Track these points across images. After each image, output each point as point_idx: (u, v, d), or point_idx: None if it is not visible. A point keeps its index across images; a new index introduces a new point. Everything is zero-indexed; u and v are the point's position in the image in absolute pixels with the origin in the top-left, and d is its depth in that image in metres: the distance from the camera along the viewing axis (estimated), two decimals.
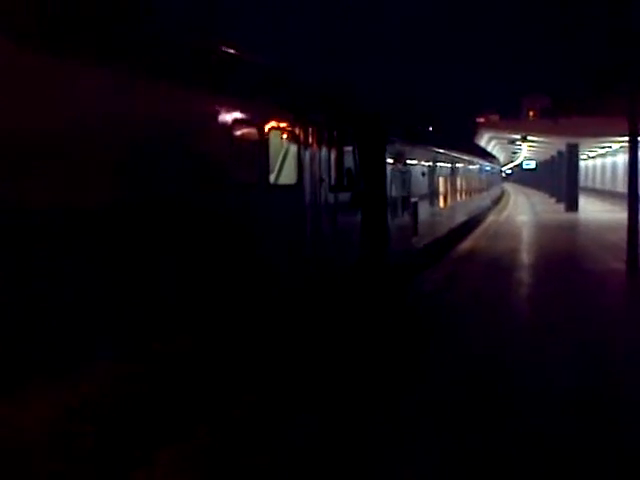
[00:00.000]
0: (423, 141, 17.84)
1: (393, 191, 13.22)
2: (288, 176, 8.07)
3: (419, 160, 16.60)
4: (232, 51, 6.89)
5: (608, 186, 64.88)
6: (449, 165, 21.97)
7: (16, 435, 3.90)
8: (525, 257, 17.01)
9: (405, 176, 14.40)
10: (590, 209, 37.97)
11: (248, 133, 6.76)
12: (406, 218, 14.39)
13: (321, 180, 8.88)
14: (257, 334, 6.84)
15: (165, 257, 5.35)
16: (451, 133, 25.88)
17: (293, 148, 8.09)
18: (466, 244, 20.28)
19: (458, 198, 23.98)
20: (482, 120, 34.54)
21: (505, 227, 27.08)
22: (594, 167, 74.66)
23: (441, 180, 20.00)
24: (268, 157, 7.20)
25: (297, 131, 8.09)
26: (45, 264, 4.12)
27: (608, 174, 65.59)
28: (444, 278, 13.74)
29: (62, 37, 4.35)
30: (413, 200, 15.11)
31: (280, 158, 7.97)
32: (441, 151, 20.79)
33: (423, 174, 16.72)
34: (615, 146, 40.18)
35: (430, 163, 18.38)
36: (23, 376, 3.99)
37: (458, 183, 24.04)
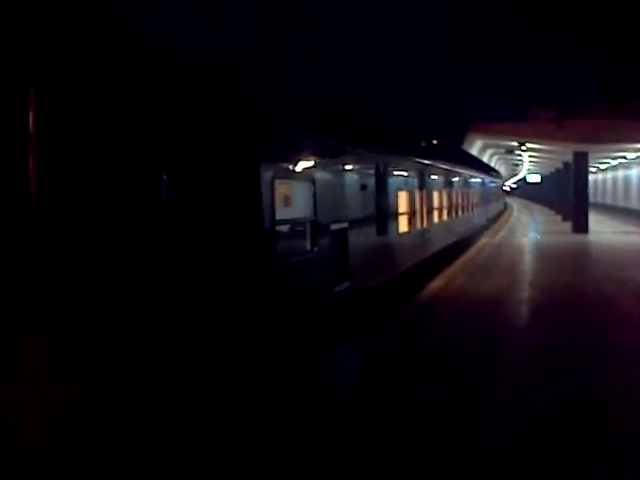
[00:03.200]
0: (369, 145, 12.45)
1: (287, 214, 7.91)
2: None
3: (360, 170, 11.29)
4: None
5: (620, 202, 59.55)
6: (419, 178, 16.59)
7: None
8: (516, 315, 11.38)
9: (322, 191, 9.04)
10: (601, 229, 32.44)
11: None
12: (322, 255, 9.01)
13: None
14: None
15: None
16: (432, 141, 20.48)
17: None
18: (436, 283, 14.83)
19: (435, 219, 18.52)
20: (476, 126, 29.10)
21: (497, 254, 21.64)
22: (604, 181, 69.54)
23: (403, 197, 14.61)
24: None
25: None
26: None
27: (620, 189, 60.28)
28: (361, 379, 7.90)
29: None
30: (337, 227, 9.72)
31: None
32: (408, 160, 15.42)
33: (364, 188, 11.34)
34: (630, 156, 34.76)
35: (385, 174, 13.05)
36: None
37: (435, 201, 18.61)
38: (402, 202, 14.54)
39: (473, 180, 29.78)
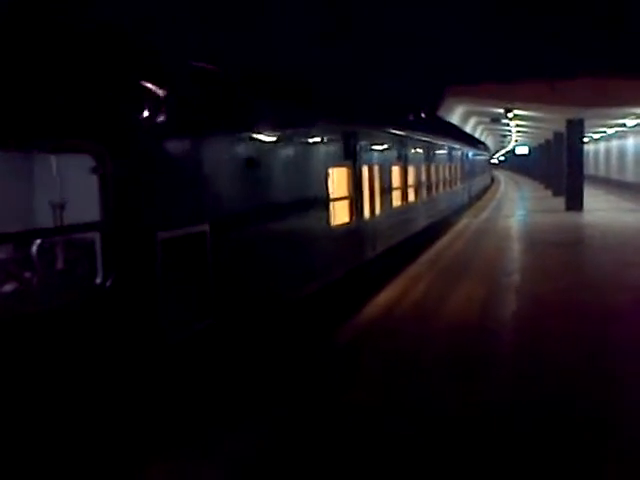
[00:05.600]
0: (270, 96, 8.35)
1: (14, 223, 3.89)
2: None
3: (246, 136, 7.22)
4: None
5: (614, 175, 55.81)
6: (371, 149, 12.57)
7: None
8: (492, 367, 7.32)
9: (134, 173, 5.00)
10: (597, 207, 28.49)
11: None
12: (135, 286, 5.01)
13: None
14: None
15: None
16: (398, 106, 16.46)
17: None
18: (385, 296, 10.83)
19: (396, 203, 14.53)
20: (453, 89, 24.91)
21: (476, 243, 17.68)
22: (596, 152, 65.83)
23: (341, 175, 10.61)
24: None
25: None
26: None
27: (614, 160, 56.50)
28: None
29: None
30: (182, 232, 5.67)
31: None
32: (349, 124, 11.37)
33: (251, 165, 7.24)
34: (630, 123, 30.77)
35: (309, 142, 9.07)
36: None
37: (395, 179, 14.61)
38: (339, 182, 10.53)
39: (454, 153, 25.73)
